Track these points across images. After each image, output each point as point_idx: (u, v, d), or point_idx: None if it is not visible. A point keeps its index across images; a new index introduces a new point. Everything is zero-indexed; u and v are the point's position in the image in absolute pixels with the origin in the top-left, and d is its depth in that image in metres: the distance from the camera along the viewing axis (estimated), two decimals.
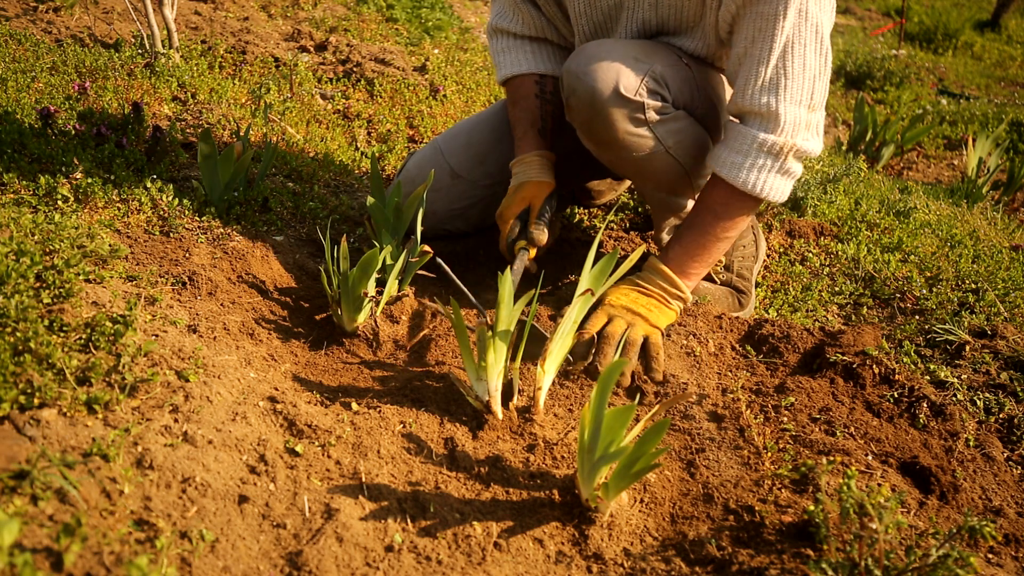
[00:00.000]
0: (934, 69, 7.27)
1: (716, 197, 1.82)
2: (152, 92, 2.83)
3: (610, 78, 1.78)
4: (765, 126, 1.74)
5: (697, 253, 1.83)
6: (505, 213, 2.04)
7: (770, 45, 1.69)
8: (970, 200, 3.44)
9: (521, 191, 2.03)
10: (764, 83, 1.71)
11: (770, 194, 1.78)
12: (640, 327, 1.74)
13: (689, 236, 1.84)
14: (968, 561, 1.13)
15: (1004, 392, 1.74)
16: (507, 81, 2.15)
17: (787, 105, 1.71)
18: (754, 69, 1.72)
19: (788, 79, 1.71)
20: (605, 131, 1.83)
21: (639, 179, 2.01)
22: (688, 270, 1.83)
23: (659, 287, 1.82)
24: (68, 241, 1.63)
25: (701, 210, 1.84)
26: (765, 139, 1.73)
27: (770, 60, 1.70)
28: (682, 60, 1.90)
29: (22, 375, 1.26)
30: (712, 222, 1.82)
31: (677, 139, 1.88)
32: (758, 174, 1.76)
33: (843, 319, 2.12)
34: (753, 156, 1.75)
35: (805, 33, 1.70)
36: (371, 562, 1.17)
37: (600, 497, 1.30)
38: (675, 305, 1.83)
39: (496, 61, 2.17)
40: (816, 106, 1.76)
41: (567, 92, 1.86)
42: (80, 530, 1.05)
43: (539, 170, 2.05)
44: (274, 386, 1.53)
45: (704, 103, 1.94)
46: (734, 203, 1.81)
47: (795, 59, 1.70)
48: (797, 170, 1.79)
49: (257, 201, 2.21)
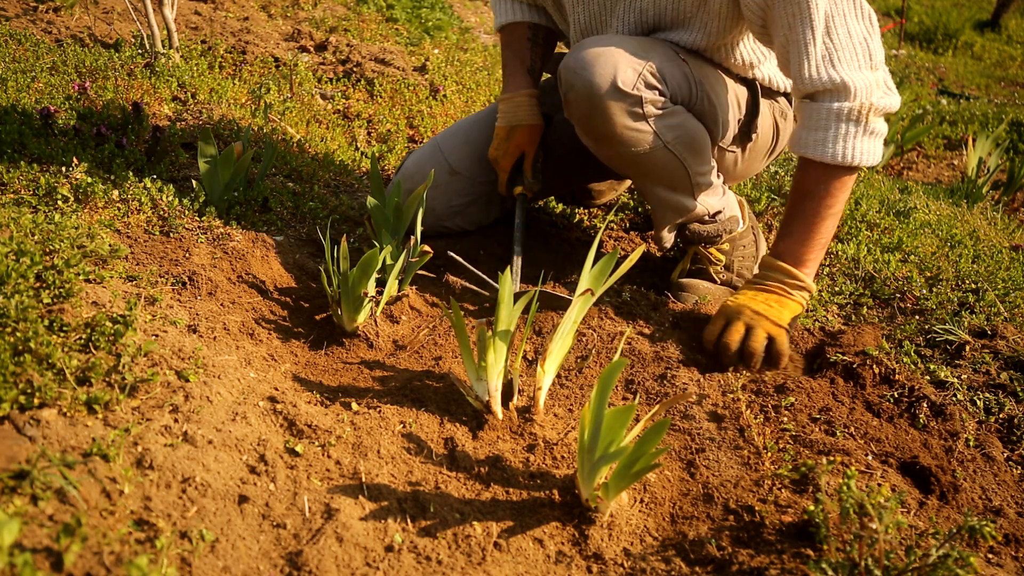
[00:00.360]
0: (934, 69, 7.28)
1: (810, 179, 1.79)
2: (152, 92, 2.84)
3: (608, 72, 1.78)
4: (836, 97, 1.73)
5: (808, 239, 1.80)
6: (501, 161, 2.12)
7: (811, 25, 1.70)
8: (970, 200, 3.44)
9: (514, 137, 2.09)
10: (817, 61, 1.71)
11: (863, 159, 1.75)
12: (761, 328, 1.73)
13: (795, 225, 1.82)
14: (968, 561, 1.13)
15: (1004, 392, 1.74)
16: (502, 28, 2.23)
17: (849, 73, 1.71)
18: (804, 51, 1.72)
19: (840, 50, 1.71)
20: (603, 126, 1.83)
21: (638, 176, 2.00)
22: (803, 257, 1.81)
23: (778, 281, 1.81)
24: (68, 241, 1.63)
25: (799, 197, 1.82)
26: (841, 107, 1.72)
27: (815, 39, 1.70)
28: (679, 56, 1.90)
29: (22, 375, 1.26)
30: (814, 205, 1.79)
31: (676, 134, 1.88)
32: (844, 143, 1.73)
33: (843, 319, 2.12)
34: (835, 127, 1.73)
35: (842, 2, 1.70)
36: (371, 562, 1.17)
37: (600, 497, 1.30)
38: (798, 296, 1.81)
39: (496, 10, 2.25)
40: (877, 64, 1.74)
41: (565, 88, 1.86)
42: (80, 530, 1.05)
43: (529, 111, 2.10)
44: (274, 386, 1.53)
45: (702, 99, 1.93)
46: (830, 179, 1.78)
47: (839, 29, 1.70)
48: (882, 128, 1.77)
49: (257, 201, 2.21)
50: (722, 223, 2.08)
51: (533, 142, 2.12)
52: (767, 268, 1.84)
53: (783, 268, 1.81)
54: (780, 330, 1.75)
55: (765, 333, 1.73)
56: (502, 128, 2.12)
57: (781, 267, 1.81)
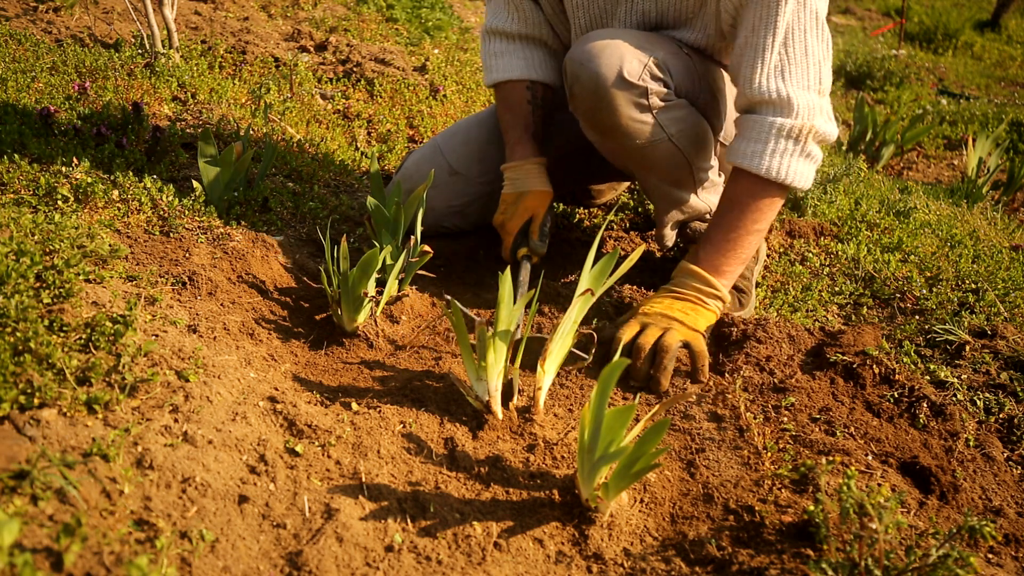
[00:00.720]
0: (934, 69, 7.27)
1: (740, 190, 1.79)
2: (152, 92, 2.83)
3: (614, 63, 1.78)
4: (779, 111, 1.72)
5: (728, 249, 1.79)
6: (508, 224, 2.05)
7: (772, 32, 1.69)
8: (970, 200, 3.44)
9: (524, 201, 2.03)
10: (770, 70, 1.71)
11: (795, 179, 1.75)
12: (676, 332, 1.69)
13: (718, 234, 1.81)
14: (968, 561, 1.13)
15: (1004, 392, 1.74)
16: (497, 85, 2.16)
17: (797, 90, 1.70)
18: (759, 56, 1.71)
19: (793, 64, 1.70)
20: (609, 117, 1.83)
21: (641, 169, 2.00)
22: (721, 267, 1.80)
23: (694, 289, 1.79)
24: (68, 241, 1.63)
25: (727, 206, 1.81)
26: (783, 123, 1.71)
27: (773, 47, 1.69)
28: (683, 50, 1.90)
29: (22, 375, 1.26)
30: (739, 216, 1.78)
31: (679, 127, 1.88)
32: (780, 159, 1.73)
33: (843, 319, 2.12)
34: (773, 142, 1.73)
35: (805, 19, 1.69)
36: (371, 562, 1.17)
37: (600, 497, 1.30)
38: (713, 305, 1.80)
39: (487, 64, 2.18)
40: (824, 91, 1.74)
41: (570, 80, 1.86)
42: (80, 530, 1.05)
43: (539, 179, 2.05)
44: (274, 386, 1.53)
45: (705, 93, 1.94)
46: (760, 193, 1.77)
47: (797, 45, 1.70)
48: (818, 155, 1.77)
49: (257, 201, 2.21)
50: None
51: (543, 206, 2.06)
52: (684, 274, 1.82)
53: (700, 275, 1.79)
54: (696, 334, 1.72)
55: (679, 337, 1.69)
56: (509, 194, 2.06)
57: (698, 274, 1.80)
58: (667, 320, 1.72)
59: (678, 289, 1.81)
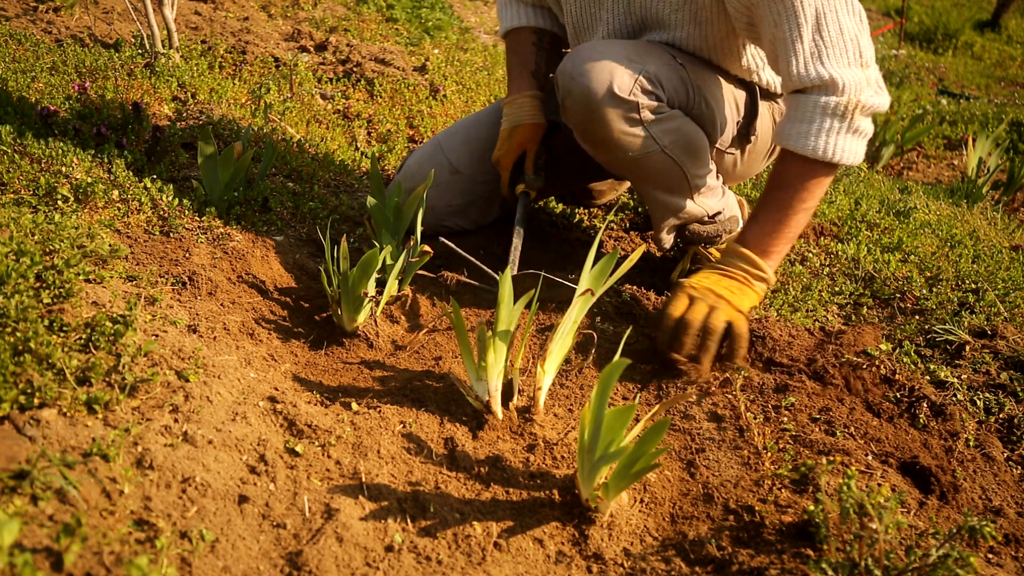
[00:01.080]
0: (934, 69, 7.27)
1: (789, 171, 1.78)
2: (152, 92, 2.83)
3: (604, 78, 1.78)
4: (825, 91, 1.71)
5: (776, 231, 1.78)
6: (503, 160, 2.12)
7: (796, 21, 1.68)
8: (970, 200, 3.44)
9: (515, 135, 2.09)
10: (806, 58, 1.70)
11: (843, 156, 1.73)
12: (723, 311, 1.71)
13: (766, 215, 1.80)
14: (968, 561, 1.13)
15: (1004, 392, 1.74)
16: (508, 33, 2.24)
17: (839, 69, 1.69)
18: (791, 48, 1.70)
19: (829, 46, 1.69)
20: (600, 131, 1.83)
21: (636, 179, 2.01)
22: (769, 249, 1.79)
23: (741, 269, 1.79)
24: (68, 241, 1.63)
25: (775, 187, 1.80)
26: (828, 101, 1.70)
27: (803, 35, 1.68)
28: (676, 60, 1.90)
29: (22, 375, 1.26)
30: (788, 197, 1.77)
31: (673, 138, 1.88)
32: (827, 138, 1.71)
33: (843, 319, 2.12)
34: (819, 121, 1.71)
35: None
36: (371, 562, 1.17)
37: (600, 497, 1.30)
38: (758, 287, 1.80)
39: (500, 16, 2.28)
40: (867, 62, 1.72)
41: (562, 94, 1.87)
42: (80, 530, 1.05)
43: (531, 111, 2.10)
44: (274, 386, 1.53)
45: (699, 103, 1.93)
46: (808, 173, 1.76)
47: (830, 26, 1.68)
48: (868, 128, 1.75)
49: (257, 201, 2.21)
50: (721, 223, 2.08)
51: (535, 140, 2.13)
52: (731, 254, 1.82)
53: (747, 256, 1.79)
54: (740, 315, 1.73)
55: (726, 316, 1.71)
56: (505, 129, 2.13)
57: (746, 255, 1.79)
58: (714, 297, 1.73)
59: (724, 268, 1.81)
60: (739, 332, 1.70)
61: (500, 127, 2.20)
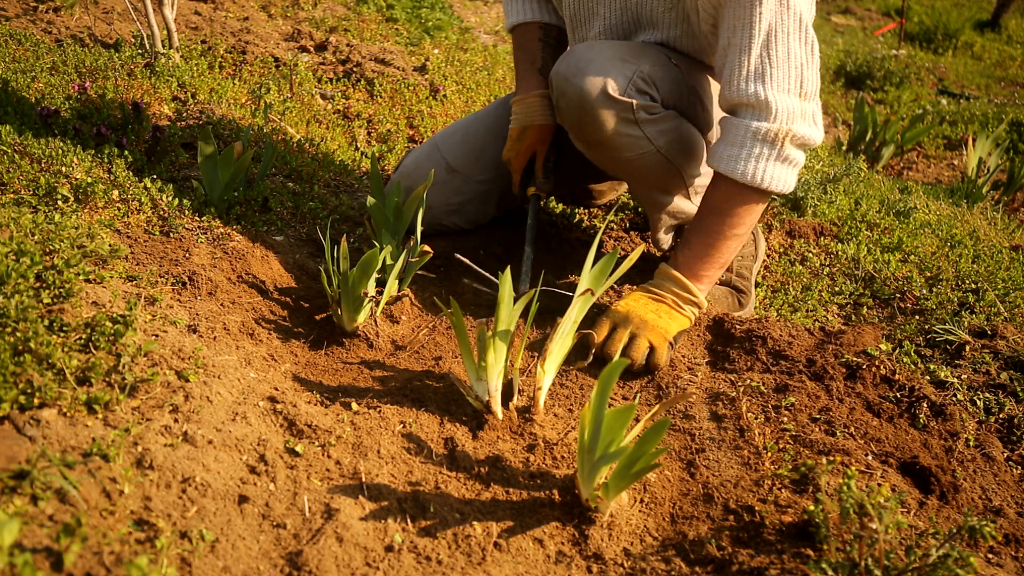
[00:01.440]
0: (934, 69, 7.27)
1: (719, 195, 1.79)
2: (152, 92, 2.83)
3: (598, 79, 1.78)
4: (757, 115, 1.71)
5: (707, 255, 1.79)
6: (514, 162, 2.12)
7: (751, 33, 1.67)
8: (970, 200, 3.44)
9: (526, 136, 2.09)
10: (749, 72, 1.69)
11: (772, 184, 1.73)
12: (644, 337, 1.71)
13: (697, 238, 1.80)
14: (968, 561, 1.13)
15: (1004, 392, 1.74)
16: (514, 28, 2.24)
17: (776, 93, 1.69)
18: (738, 59, 1.70)
19: (773, 67, 1.68)
20: (595, 132, 1.83)
21: (632, 179, 2.01)
22: (700, 272, 1.80)
23: (672, 292, 1.79)
24: (68, 241, 1.63)
25: (706, 211, 1.81)
26: (759, 127, 1.70)
27: (752, 49, 1.68)
28: (671, 61, 1.90)
29: (22, 375, 1.26)
30: (718, 221, 1.78)
31: (668, 138, 1.88)
32: (756, 163, 1.72)
33: (843, 319, 2.12)
34: (749, 146, 1.71)
35: (788, 21, 1.67)
36: (371, 562, 1.17)
37: (600, 497, 1.30)
38: (688, 311, 1.80)
39: (506, 11, 2.27)
40: (808, 95, 1.72)
41: (556, 95, 1.87)
42: (80, 530, 1.05)
43: (541, 112, 2.09)
44: (274, 386, 1.53)
45: (694, 103, 1.93)
46: (738, 198, 1.76)
47: (779, 47, 1.68)
48: (798, 158, 1.75)
49: (257, 201, 2.21)
50: None
51: (545, 141, 2.12)
52: (663, 277, 1.82)
53: (679, 280, 1.80)
54: (663, 341, 1.72)
55: (647, 343, 1.71)
56: (515, 129, 2.12)
57: (676, 278, 1.80)
58: (638, 321, 1.73)
59: (655, 290, 1.81)
60: (655, 361, 1.71)
61: (497, 127, 2.20)
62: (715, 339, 1.87)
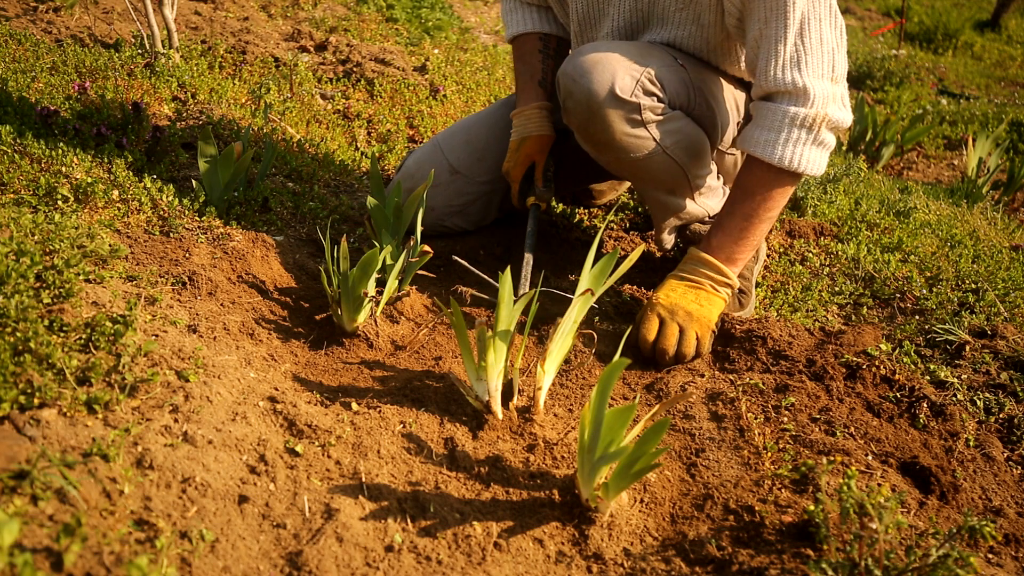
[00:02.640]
0: (934, 69, 7.27)
1: (753, 178, 1.81)
2: (152, 92, 2.83)
3: (606, 80, 1.78)
4: (794, 101, 1.74)
5: (741, 237, 1.82)
6: (513, 172, 2.13)
7: (785, 23, 1.70)
8: (970, 200, 3.44)
9: (524, 147, 2.11)
10: (785, 61, 1.72)
11: (808, 167, 1.77)
12: (692, 330, 1.76)
13: (730, 221, 1.83)
14: (968, 561, 1.13)
15: (1004, 392, 1.74)
16: (514, 39, 2.24)
17: (812, 79, 1.72)
18: (773, 48, 1.72)
19: (808, 54, 1.72)
20: (602, 133, 1.83)
21: (637, 180, 2.01)
22: (733, 256, 1.83)
23: (706, 277, 1.83)
24: (68, 241, 1.63)
25: (740, 194, 1.83)
26: (797, 112, 1.73)
27: (787, 38, 1.71)
28: (677, 62, 1.90)
29: (22, 375, 1.26)
30: (752, 205, 1.81)
31: (674, 139, 1.88)
32: (793, 148, 1.75)
33: (843, 319, 2.12)
34: (787, 131, 1.74)
35: (819, 8, 1.72)
36: (371, 562, 1.17)
37: (600, 497, 1.30)
38: (723, 293, 1.84)
39: (505, 21, 2.28)
40: (839, 78, 1.76)
41: (563, 95, 1.86)
42: (80, 530, 1.05)
43: (539, 123, 2.11)
44: (274, 386, 1.53)
45: (701, 104, 1.93)
46: (772, 182, 1.79)
47: (812, 34, 1.71)
48: (831, 141, 1.79)
49: (257, 201, 2.21)
50: None
51: (543, 151, 2.14)
52: (697, 262, 1.85)
53: (713, 264, 1.83)
54: (708, 332, 1.79)
55: (695, 335, 1.77)
56: (514, 141, 2.14)
57: (711, 263, 1.83)
58: (683, 314, 1.77)
59: (690, 276, 1.84)
60: (701, 351, 1.78)
61: (499, 128, 2.21)
62: (715, 339, 1.87)
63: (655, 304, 1.80)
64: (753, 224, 1.82)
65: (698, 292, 1.81)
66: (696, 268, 1.84)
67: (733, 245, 1.83)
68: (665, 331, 1.76)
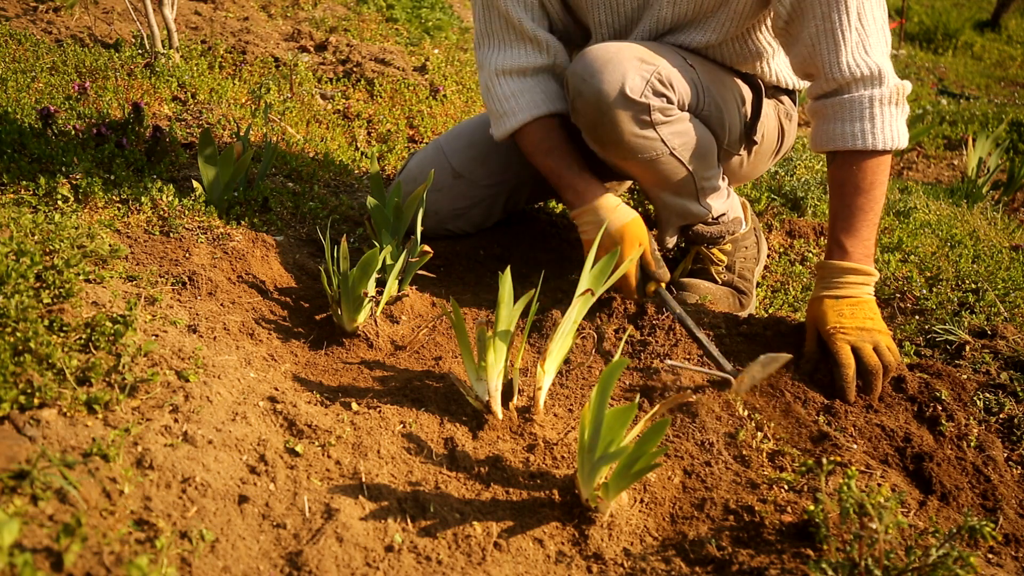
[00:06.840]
0: (934, 69, 7.28)
1: (860, 173, 1.76)
2: (152, 92, 2.84)
3: (615, 80, 1.77)
4: (873, 83, 1.74)
5: (869, 235, 1.79)
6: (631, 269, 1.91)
7: (846, 12, 1.71)
8: (970, 200, 3.44)
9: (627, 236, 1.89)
10: (852, 48, 1.73)
11: (902, 140, 1.77)
12: (883, 344, 1.68)
13: (856, 221, 1.76)
14: (968, 561, 1.13)
15: (1004, 392, 1.74)
16: (523, 128, 1.97)
17: (880, 58, 1.74)
18: (840, 39, 1.73)
19: (871, 36, 1.74)
20: (611, 133, 1.82)
21: (644, 181, 2.00)
22: (869, 252, 1.79)
23: (857, 285, 1.75)
24: (68, 241, 1.63)
25: (854, 193, 1.77)
26: (880, 94, 1.74)
27: (850, 25, 1.72)
28: (687, 62, 1.89)
29: (22, 375, 1.26)
30: (869, 200, 1.77)
31: (682, 140, 1.87)
32: (888, 128, 1.75)
33: None
34: (878, 115, 1.74)
35: None
36: (371, 562, 1.17)
37: (600, 497, 1.30)
38: (872, 289, 1.78)
39: (501, 109, 1.98)
40: (889, 50, 1.79)
41: (572, 95, 1.85)
42: (80, 530, 1.05)
43: (624, 208, 1.93)
44: (274, 386, 1.53)
45: (709, 105, 1.93)
46: (877, 167, 1.77)
47: (867, 15, 1.73)
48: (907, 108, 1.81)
49: (257, 201, 2.21)
50: (726, 225, 2.08)
51: (645, 234, 1.93)
52: (849, 273, 1.75)
53: (863, 271, 1.76)
54: (891, 339, 1.72)
55: (887, 347, 1.68)
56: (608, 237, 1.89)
57: (859, 269, 1.75)
58: (868, 336, 1.69)
59: (846, 293, 1.74)
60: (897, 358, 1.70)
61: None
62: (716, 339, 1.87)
63: (837, 334, 1.69)
64: (875, 215, 1.78)
65: (861, 305, 1.73)
66: (852, 281, 1.75)
67: (865, 243, 1.77)
68: (863, 354, 1.67)
